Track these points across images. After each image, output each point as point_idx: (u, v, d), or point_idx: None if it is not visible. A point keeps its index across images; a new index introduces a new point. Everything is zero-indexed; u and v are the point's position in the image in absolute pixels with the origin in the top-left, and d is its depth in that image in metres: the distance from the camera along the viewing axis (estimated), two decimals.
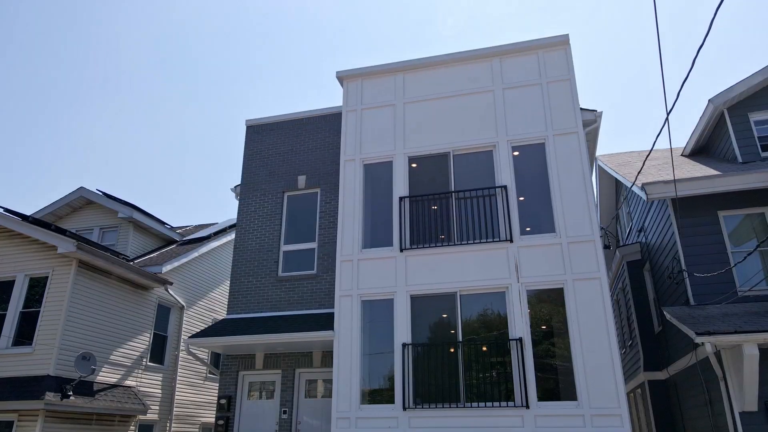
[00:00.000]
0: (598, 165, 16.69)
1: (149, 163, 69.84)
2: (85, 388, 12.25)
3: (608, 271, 17.53)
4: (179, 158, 72.83)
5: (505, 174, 11.01)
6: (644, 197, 10.90)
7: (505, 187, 10.87)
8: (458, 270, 10.53)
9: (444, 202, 11.24)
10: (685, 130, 75.98)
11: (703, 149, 13.98)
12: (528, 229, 10.61)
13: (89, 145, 66.62)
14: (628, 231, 16.76)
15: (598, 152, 16.62)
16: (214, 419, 12.01)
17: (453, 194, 11.21)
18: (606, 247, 13.98)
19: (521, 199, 10.86)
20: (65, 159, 66.24)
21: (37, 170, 63.19)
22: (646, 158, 11.26)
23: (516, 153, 11.20)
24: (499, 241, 10.53)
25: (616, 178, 15.85)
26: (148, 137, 69.97)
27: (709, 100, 12.35)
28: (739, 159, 11.94)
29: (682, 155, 14.11)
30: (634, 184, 11.59)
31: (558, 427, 9.15)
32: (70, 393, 11.58)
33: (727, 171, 10.97)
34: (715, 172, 11.00)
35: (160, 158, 71.42)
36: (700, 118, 13.07)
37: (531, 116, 11.30)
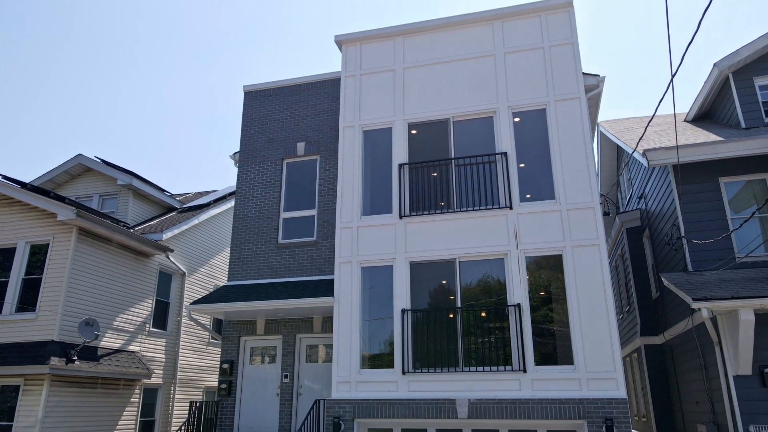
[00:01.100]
0: (600, 131, 16.54)
1: (148, 131, 69.35)
2: (90, 353, 12.45)
3: (607, 238, 17.58)
4: (178, 125, 72.29)
5: (505, 140, 10.91)
6: (645, 163, 10.84)
7: (505, 153, 10.79)
8: (457, 237, 10.55)
9: (444, 169, 11.18)
10: (689, 96, 75.08)
11: (706, 115, 13.82)
12: (528, 196, 10.58)
13: (87, 113, 66.05)
14: (628, 198, 16.73)
15: (600, 118, 16.46)
16: (217, 383, 12.22)
17: (453, 161, 11.14)
18: (605, 213, 13.97)
19: (521, 165, 10.79)
20: (63, 127, 65.76)
21: (34, 139, 62.81)
22: (648, 124, 11.15)
23: (517, 119, 11.08)
24: (499, 208, 10.51)
25: (617, 145, 15.74)
26: (147, 105, 69.29)
27: (714, 64, 12.15)
28: (743, 124, 11.82)
29: (685, 121, 13.95)
30: (635, 150, 11.50)
31: (554, 390, 9.32)
32: (75, 358, 11.77)
33: (730, 137, 10.87)
34: (718, 138, 10.90)
35: (159, 126, 70.87)
36: (705, 82, 12.88)
37: (532, 81, 11.14)
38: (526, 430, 9.54)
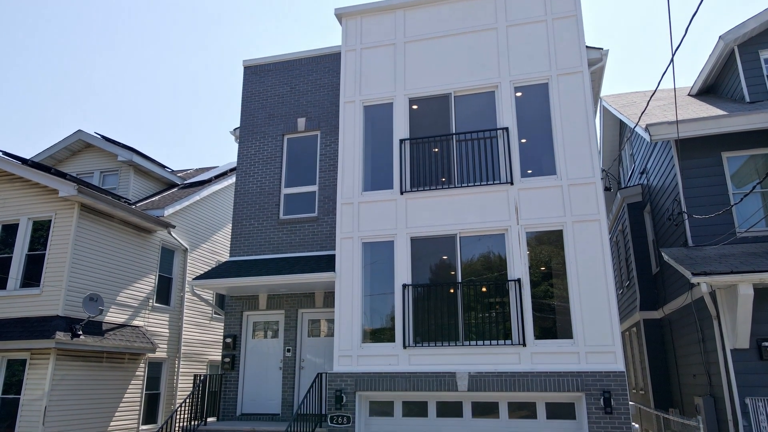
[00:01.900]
0: (603, 105, 16.41)
1: (148, 107, 68.91)
2: (95, 328, 12.60)
3: (608, 213, 17.58)
4: (178, 102, 71.78)
5: (507, 115, 10.83)
6: (647, 138, 10.77)
7: (506, 129, 10.73)
8: (458, 212, 10.56)
9: (445, 145, 11.13)
10: (694, 70, 74.13)
11: (710, 89, 13.68)
12: (529, 171, 10.55)
13: (86, 90, 65.56)
14: (630, 173, 16.68)
15: (603, 92, 16.30)
16: (220, 357, 12.40)
17: (454, 136, 11.08)
18: (607, 189, 13.94)
19: (523, 141, 10.74)
20: (61, 104, 65.35)
21: (32, 116, 62.49)
22: (651, 98, 11.04)
23: (519, 94, 10.98)
24: (500, 183, 10.49)
25: (620, 119, 15.62)
26: (147, 81, 68.71)
27: (719, 37, 11.98)
28: (747, 98, 11.70)
29: (689, 95, 13.82)
30: (637, 124, 11.42)
31: (553, 363, 9.43)
32: (80, 332, 11.92)
33: (734, 111, 10.78)
34: (721, 112, 10.81)
35: (159, 102, 70.39)
36: (710, 55, 12.72)
37: (535, 55, 11.00)
38: (525, 402, 9.69)
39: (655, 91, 9.38)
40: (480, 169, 10.77)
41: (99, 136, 16.44)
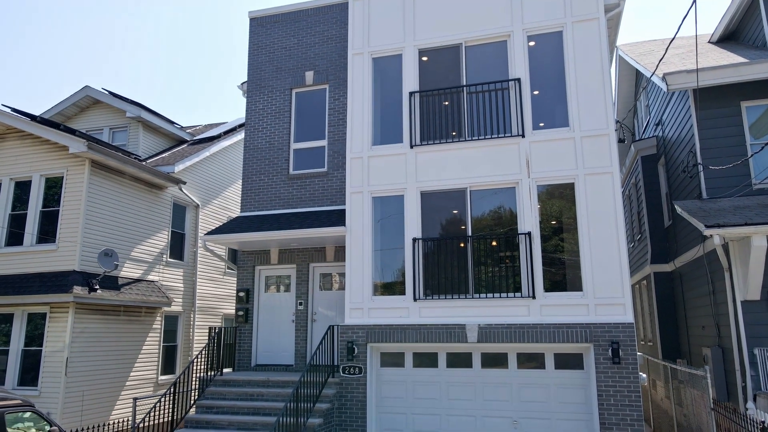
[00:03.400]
0: (619, 55, 15.92)
1: (153, 63, 68.13)
2: (111, 283, 12.85)
3: (621, 167, 17.33)
4: (183, 56, 70.84)
5: (519, 66, 10.56)
6: (664, 88, 10.49)
7: (518, 80, 10.48)
8: (469, 166, 10.46)
9: (455, 97, 10.92)
10: (715, 17, 71.48)
11: (732, 35, 13.20)
12: (541, 124, 10.36)
13: (91, 46, 64.80)
14: (645, 124, 16.34)
15: (619, 41, 15.79)
16: (234, 310, 12.65)
17: (464, 88, 10.86)
18: (620, 141, 13.70)
19: (535, 92, 10.50)
20: (68, 61, 64.78)
21: (40, 73, 62.11)
22: (669, 46, 10.69)
23: (531, 43, 10.66)
24: (511, 136, 10.34)
25: (636, 69, 15.20)
26: (151, 35, 67.69)
27: None
28: None
29: (709, 42, 13.35)
30: (654, 74, 11.10)
31: (563, 315, 9.51)
32: (97, 287, 12.17)
33: (755, 58, 10.41)
34: (742, 60, 10.45)
35: (163, 58, 69.52)
36: (732, 0, 12.21)
37: (548, 1, 10.61)
38: (534, 353, 9.84)
39: (674, 38, 9.06)
40: (491, 122, 10.59)
41: (106, 92, 16.34)
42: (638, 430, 8.78)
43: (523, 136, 10.26)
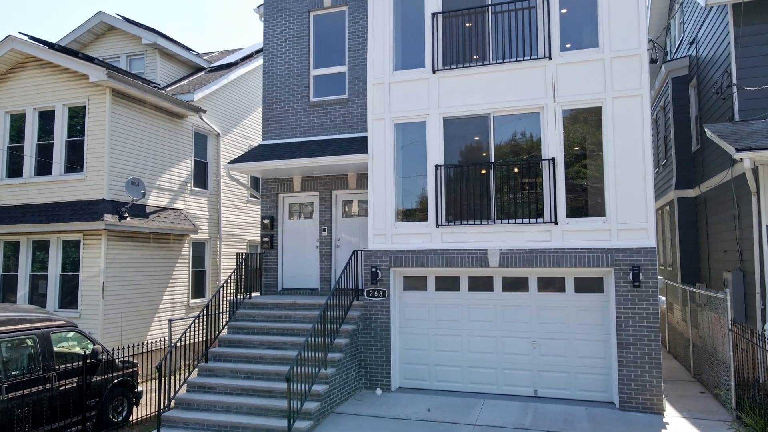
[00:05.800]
0: None
1: None
2: (139, 211, 13.18)
3: (650, 89, 16.75)
4: None
5: None
6: (702, 3, 9.93)
7: None
8: (492, 90, 10.22)
9: (479, 18, 10.50)
10: None
11: None
12: (568, 45, 9.97)
13: None
14: (677, 44, 15.62)
15: None
16: (259, 237, 12.95)
17: (489, 8, 10.41)
18: (652, 61, 13.16)
19: (563, 11, 10.03)
20: None
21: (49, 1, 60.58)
22: None
23: None
24: (537, 59, 10.00)
25: None
26: None
27: None
28: None
29: None
30: None
31: (584, 240, 9.57)
32: (126, 215, 12.51)
33: None
34: None
35: None
36: None
37: None
38: (555, 277, 10.01)
39: None
40: (516, 44, 10.22)
41: (120, 17, 16.03)
42: (654, 349, 9.03)
43: (549, 58, 9.92)
